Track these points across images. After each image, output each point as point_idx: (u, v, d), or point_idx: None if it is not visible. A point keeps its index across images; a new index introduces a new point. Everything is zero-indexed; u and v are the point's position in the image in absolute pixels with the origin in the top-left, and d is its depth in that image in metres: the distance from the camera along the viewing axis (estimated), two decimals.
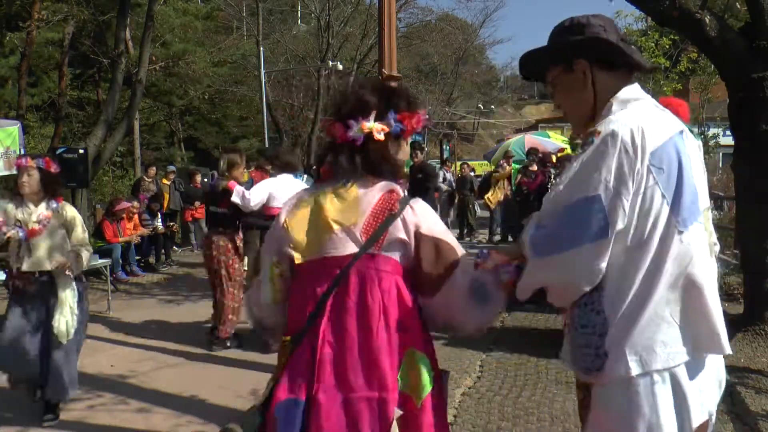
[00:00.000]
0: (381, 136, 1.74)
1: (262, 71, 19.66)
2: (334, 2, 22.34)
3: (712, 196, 11.54)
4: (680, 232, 1.44)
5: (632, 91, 1.61)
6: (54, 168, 3.73)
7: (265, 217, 5.11)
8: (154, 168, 11.76)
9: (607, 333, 1.46)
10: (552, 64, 1.70)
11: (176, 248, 11.14)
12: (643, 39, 13.42)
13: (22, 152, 8.13)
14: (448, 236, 1.79)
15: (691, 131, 1.61)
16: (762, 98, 5.17)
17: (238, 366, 4.88)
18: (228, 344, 5.38)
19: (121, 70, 10.13)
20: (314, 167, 1.88)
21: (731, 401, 3.92)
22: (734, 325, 5.45)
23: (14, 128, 8.03)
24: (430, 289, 1.74)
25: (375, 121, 1.74)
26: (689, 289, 1.45)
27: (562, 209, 1.49)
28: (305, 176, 18.35)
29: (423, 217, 1.76)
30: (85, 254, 3.76)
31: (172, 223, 10.56)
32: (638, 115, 1.51)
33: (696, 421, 1.44)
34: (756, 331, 5.21)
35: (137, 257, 9.45)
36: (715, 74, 11.53)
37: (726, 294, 6.90)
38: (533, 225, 1.56)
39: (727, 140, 10.36)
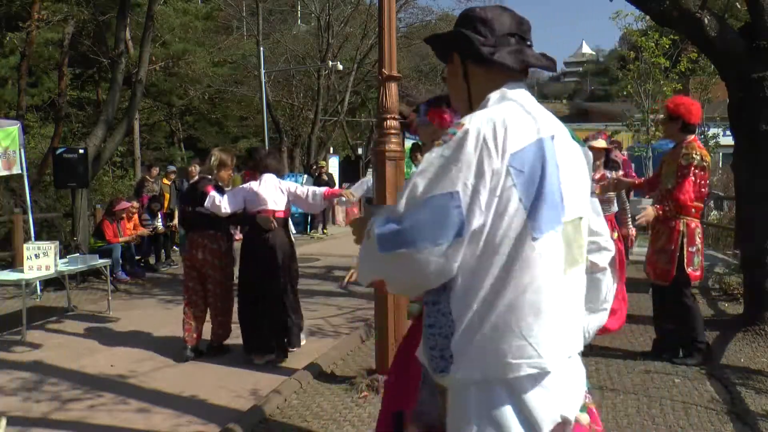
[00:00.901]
0: None
1: (262, 71, 19.65)
2: (334, 2, 22.34)
3: (712, 197, 11.57)
4: (534, 239, 1.37)
5: (512, 90, 1.55)
6: None
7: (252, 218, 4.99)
8: (157, 168, 11.77)
9: (452, 336, 1.40)
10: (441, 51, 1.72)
11: (176, 248, 11.14)
12: (643, 39, 13.41)
13: (22, 152, 8.12)
14: None
15: (574, 137, 1.58)
16: (762, 98, 5.17)
17: (238, 366, 4.88)
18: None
19: (121, 70, 10.13)
20: None
21: (731, 401, 3.92)
22: (734, 325, 5.45)
23: (14, 128, 8.02)
24: None
25: None
26: (535, 299, 1.38)
27: (417, 204, 1.39)
28: (305, 176, 18.27)
29: None
30: None
31: (172, 223, 10.56)
32: (506, 114, 1.44)
33: (545, 430, 1.39)
34: (756, 331, 5.21)
35: (137, 257, 9.45)
36: (715, 74, 11.53)
37: (726, 294, 6.90)
38: (383, 218, 1.42)
39: (727, 140, 10.37)
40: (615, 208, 5.59)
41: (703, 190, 4.63)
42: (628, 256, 5.54)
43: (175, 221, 10.18)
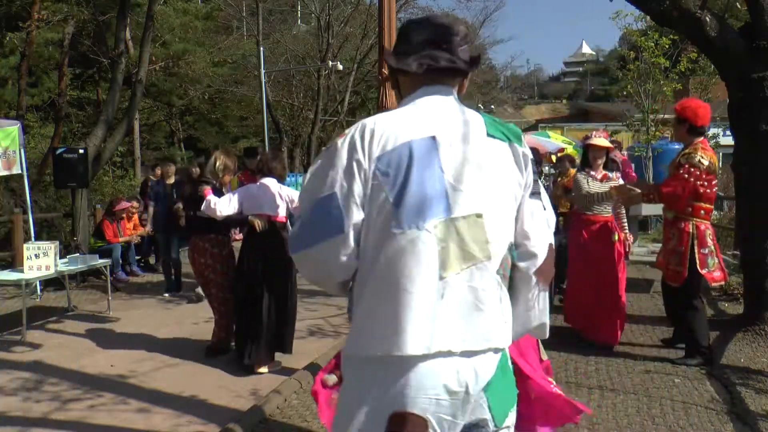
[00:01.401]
0: None
1: (262, 71, 19.65)
2: (334, 2, 22.35)
3: None
4: (394, 234, 1.47)
5: (423, 93, 1.63)
6: None
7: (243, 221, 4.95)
8: (160, 168, 11.75)
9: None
10: None
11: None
12: (642, 39, 13.41)
13: (22, 152, 8.12)
14: None
15: (501, 136, 1.60)
16: (762, 98, 5.17)
17: (239, 366, 4.87)
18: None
19: (121, 70, 10.13)
20: None
21: (731, 401, 3.92)
22: (734, 325, 5.45)
23: (14, 128, 8.02)
24: None
25: None
26: (396, 290, 1.46)
27: (307, 206, 1.57)
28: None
29: None
30: None
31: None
32: (378, 119, 1.56)
33: (386, 411, 1.46)
34: (756, 331, 5.21)
35: (137, 257, 9.45)
36: (715, 74, 11.54)
37: (726, 294, 6.90)
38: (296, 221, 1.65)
39: (727, 140, 10.36)
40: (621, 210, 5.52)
41: (707, 191, 4.57)
42: (626, 259, 5.49)
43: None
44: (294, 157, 23.30)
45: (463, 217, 1.49)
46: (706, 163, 4.56)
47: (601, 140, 5.34)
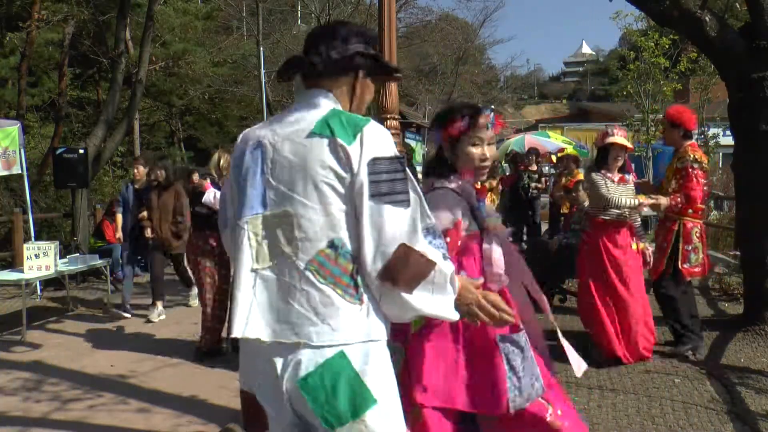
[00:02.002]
0: None
1: (262, 71, 19.64)
2: (334, 2, 22.35)
3: (712, 197, 11.56)
4: (224, 232, 1.85)
5: (296, 98, 1.76)
6: None
7: None
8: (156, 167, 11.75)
9: None
10: None
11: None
12: (642, 39, 13.42)
13: (22, 152, 8.13)
14: None
15: (326, 132, 1.59)
16: (762, 98, 5.17)
17: (239, 366, 4.87)
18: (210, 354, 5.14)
19: (121, 70, 10.13)
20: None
21: (731, 401, 3.92)
22: (734, 325, 5.45)
23: (14, 128, 8.02)
24: None
25: None
26: (232, 282, 1.72)
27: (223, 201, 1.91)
28: None
29: None
30: None
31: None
32: (258, 124, 1.79)
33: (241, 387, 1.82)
34: (756, 331, 5.21)
35: (137, 257, 9.44)
36: (715, 74, 11.54)
37: (726, 294, 6.90)
38: None
39: (727, 140, 10.37)
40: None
41: (704, 189, 4.72)
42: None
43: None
44: None
45: (273, 214, 1.60)
46: (704, 162, 4.72)
47: (620, 138, 4.73)
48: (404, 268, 1.54)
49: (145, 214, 6.73)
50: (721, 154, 16.77)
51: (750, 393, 4.06)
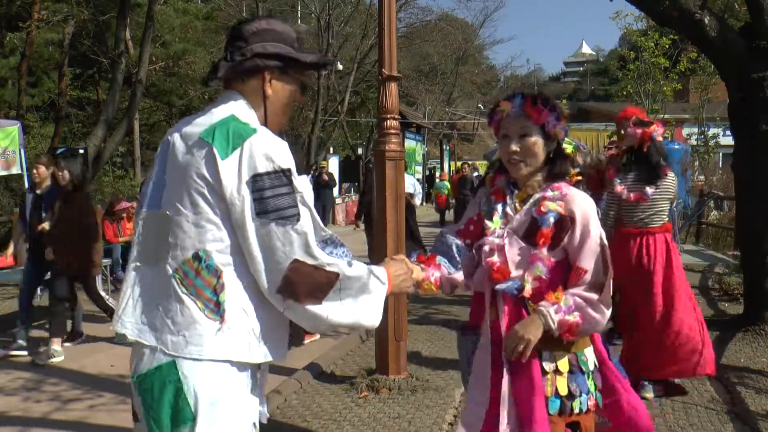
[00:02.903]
0: None
1: None
2: (334, 2, 22.34)
3: (712, 197, 11.56)
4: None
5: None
6: None
7: None
8: None
9: None
10: None
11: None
12: (642, 39, 13.42)
13: (22, 152, 8.13)
14: None
15: (211, 138, 1.56)
16: (762, 98, 5.17)
17: None
18: None
19: (121, 70, 10.14)
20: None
21: (731, 401, 3.92)
22: (734, 325, 5.45)
23: (14, 128, 8.03)
24: None
25: None
26: None
27: None
28: (307, 176, 18.62)
29: None
30: None
31: None
32: None
33: None
34: (756, 331, 5.21)
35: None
36: (715, 74, 11.54)
37: (726, 294, 6.89)
38: None
39: (727, 140, 10.37)
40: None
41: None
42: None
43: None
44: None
45: (157, 215, 1.58)
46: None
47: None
48: (302, 284, 1.49)
49: (45, 225, 5.35)
50: (721, 154, 16.78)
51: (750, 393, 4.06)
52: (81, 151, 8.66)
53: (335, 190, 18.74)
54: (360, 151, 27.22)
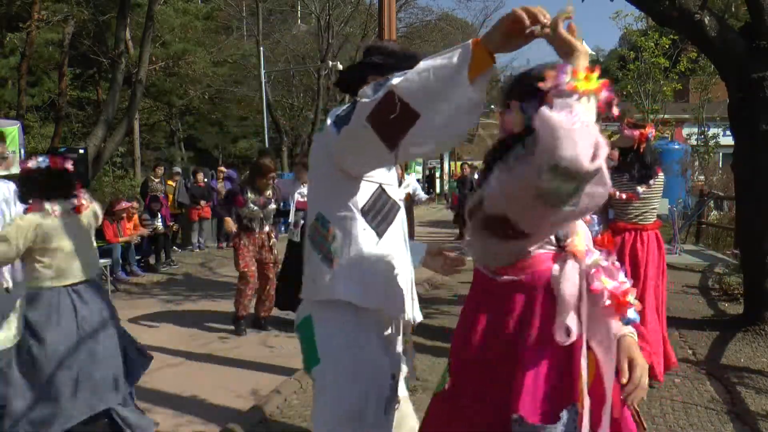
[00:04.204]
0: None
1: (262, 71, 19.67)
2: (334, 2, 22.35)
3: (712, 196, 11.55)
4: None
5: None
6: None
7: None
8: (162, 168, 11.77)
9: None
10: None
11: (176, 248, 11.14)
12: (642, 39, 13.43)
13: (22, 152, 8.13)
14: None
15: None
16: (762, 98, 5.17)
17: (238, 366, 4.88)
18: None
19: (121, 70, 10.14)
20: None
21: (731, 401, 3.92)
22: (734, 325, 5.45)
23: (14, 128, 8.03)
24: None
25: None
26: None
27: None
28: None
29: None
30: None
31: (172, 223, 10.56)
32: None
33: None
34: (756, 331, 5.21)
35: (137, 257, 9.45)
36: (715, 74, 11.54)
37: (726, 294, 6.89)
38: None
39: (727, 140, 10.37)
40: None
41: None
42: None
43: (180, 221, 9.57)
44: (294, 156, 23.31)
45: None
46: None
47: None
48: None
49: None
50: (721, 154, 16.78)
51: (750, 393, 4.06)
52: (81, 151, 8.68)
53: None
54: None
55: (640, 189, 4.10)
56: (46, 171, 3.19)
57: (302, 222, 5.85)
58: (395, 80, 1.50)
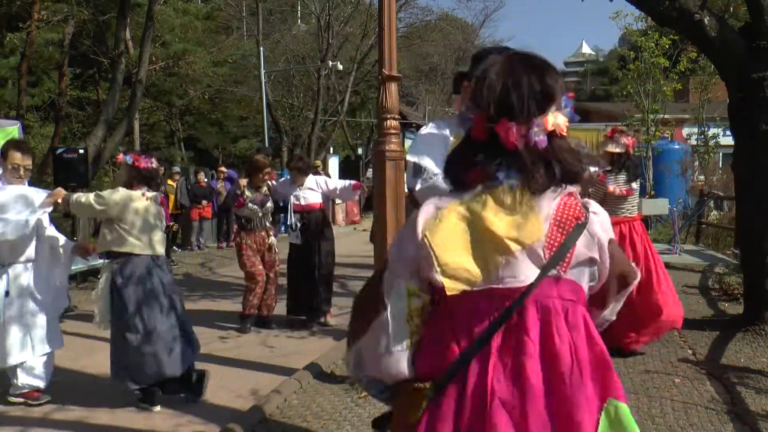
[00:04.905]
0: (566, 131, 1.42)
1: (262, 71, 19.66)
2: (334, 2, 22.33)
3: (712, 197, 11.55)
4: None
5: None
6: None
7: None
8: (162, 168, 11.77)
9: None
10: None
11: (176, 248, 11.15)
12: (642, 39, 13.42)
13: None
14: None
15: None
16: (762, 98, 5.17)
17: (238, 366, 4.88)
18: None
19: (121, 70, 10.14)
20: (453, 176, 1.45)
21: (731, 401, 3.92)
22: (734, 325, 5.45)
23: (14, 128, 8.01)
24: (601, 304, 1.53)
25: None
26: None
27: None
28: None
29: (607, 226, 1.44)
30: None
31: (171, 223, 10.56)
32: None
33: None
34: (756, 331, 5.21)
35: None
36: (715, 74, 11.54)
37: (726, 294, 6.89)
38: None
39: (727, 140, 10.36)
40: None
41: None
42: None
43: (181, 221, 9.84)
44: (290, 158, 23.30)
45: None
46: None
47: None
48: None
49: None
50: (721, 154, 16.77)
51: (750, 393, 4.06)
52: (81, 151, 8.67)
53: None
54: (360, 151, 27.21)
55: (635, 185, 4.90)
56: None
57: (299, 224, 5.85)
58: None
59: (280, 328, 5.92)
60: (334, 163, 21.01)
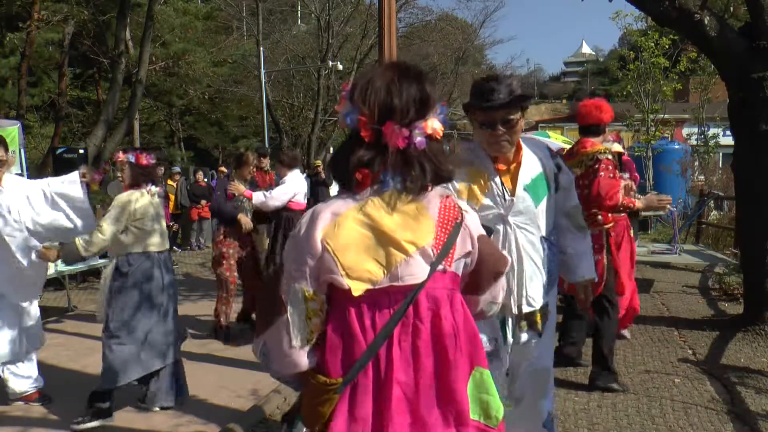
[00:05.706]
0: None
1: (262, 71, 19.67)
2: (334, 2, 22.34)
3: (712, 197, 11.55)
4: None
5: None
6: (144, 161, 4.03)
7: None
8: (162, 167, 11.78)
9: None
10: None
11: (176, 249, 11.15)
12: (642, 39, 13.42)
13: (22, 152, 8.12)
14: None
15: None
16: (762, 98, 5.17)
17: (238, 366, 4.88)
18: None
19: (121, 70, 10.15)
20: (340, 174, 1.55)
21: (731, 401, 3.92)
22: (734, 325, 5.45)
23: (14, 128, 8.02)
24: (477, 289, 1.68)
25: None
26: None
27: None
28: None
29: (477, 223, 1.64)
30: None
31: (172, 223, 10.57)
32: None
33: None
34: (756, 331, 5.21)
35: None
36: (715, 74, 11.55)
37: (726, 294, 6.89)
38: None
39: (727, 140, 10.37)
40: None
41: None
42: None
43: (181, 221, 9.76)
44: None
45: None
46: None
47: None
48: None
49: None
50: (721, 154, 16.78)
51: (750, 393, 4.06)
52: (81, 151, 8.68)
53: (332, 189, 18.74)
54: None
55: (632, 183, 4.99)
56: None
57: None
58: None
59: None
60: None
